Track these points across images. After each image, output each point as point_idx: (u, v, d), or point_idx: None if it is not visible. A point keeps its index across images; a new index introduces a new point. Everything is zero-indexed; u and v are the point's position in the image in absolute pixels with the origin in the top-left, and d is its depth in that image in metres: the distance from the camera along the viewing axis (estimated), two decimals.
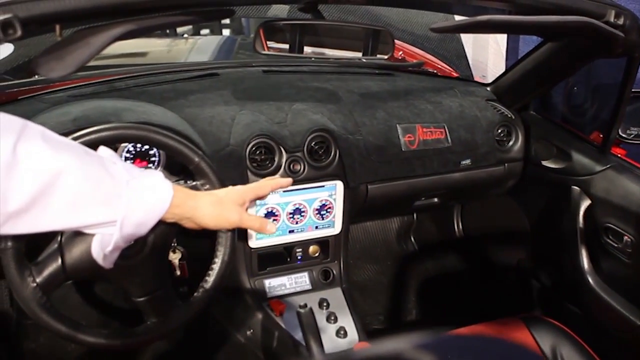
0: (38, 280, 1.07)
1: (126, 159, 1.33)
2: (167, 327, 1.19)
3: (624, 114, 1.48)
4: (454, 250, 2.22)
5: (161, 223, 1.03)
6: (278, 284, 1.51)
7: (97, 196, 0.90)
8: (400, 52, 2.63)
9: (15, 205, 0.82)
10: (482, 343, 0.66)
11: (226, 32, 4.02)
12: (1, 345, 1.73)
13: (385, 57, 1.36)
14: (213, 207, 1.05)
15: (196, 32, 3.77)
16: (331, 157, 1.47)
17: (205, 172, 1.19)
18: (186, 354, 1.71)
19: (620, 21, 1.23)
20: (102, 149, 1.01)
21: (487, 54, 2.48)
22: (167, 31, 4.03)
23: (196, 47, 3.18)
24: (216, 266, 1.24)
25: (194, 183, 1.21)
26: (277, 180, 1.14)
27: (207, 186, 1.20)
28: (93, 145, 1.13)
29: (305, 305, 1.18)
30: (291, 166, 1.42)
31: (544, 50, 1.52)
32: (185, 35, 3.71)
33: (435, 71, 2.28)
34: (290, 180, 1.15)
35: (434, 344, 0.38)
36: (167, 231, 1.19)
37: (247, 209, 1.10)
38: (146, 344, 1.19)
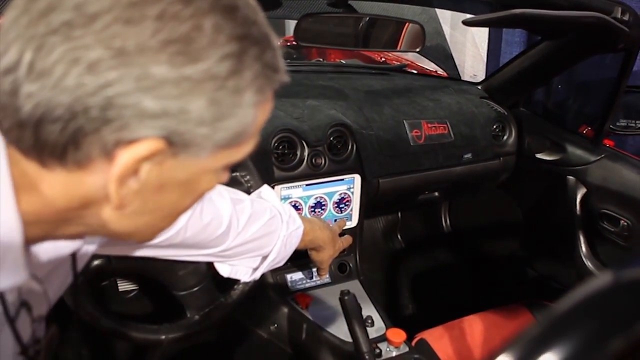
0: (83, 273, 1.06)
1: None
2: (209, 321, 1.19)
3: (619, 106, 1.59)
4: (444, 245, 2.28)
5: None
6: (299, 278, 1.52)
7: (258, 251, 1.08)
8: (383, 59, 2.71)
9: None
10: None
11: None
12: None
13: (417, 50, 1.41)
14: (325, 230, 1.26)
15: None
16: (349, 151, 1.50)
17: (246, 163, 1.20)
18: (205, 357, 1.69)
19: (626, 17, 1.33)
20: (268, 193, 1.15)
21: (465, 57, 2.58)
22: None
23: None
24: None
25: (235, 174, 1.22)
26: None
27: (248, 177, 1.21)
28: None
29: (348, 292, 1.20)
30: (313, 160, 1.45)
31: (543, 48, 1.61)
32: None
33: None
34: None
35: None
36: None
37: None
38: (189, 338, 1.18)
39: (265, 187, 1.15)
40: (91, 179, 0.48)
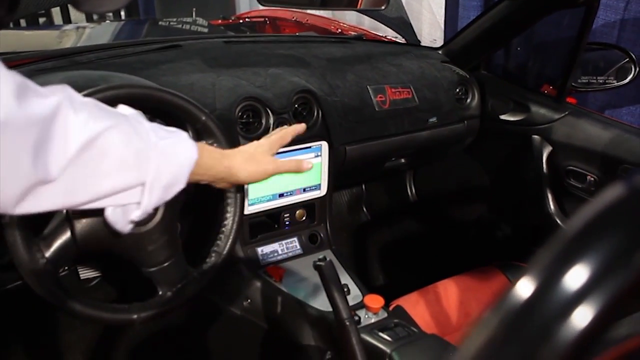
0: (47, 255, 1.00)
1: None
2: (182, 296, 1.14)
3: (580, 63, 1.59)
4: (411, 214, 2.27)
5: (193, 185, 0.98)
6: (270, 250, 1.49)
7: (127, 160, 0.82)
8: (339, 30, 2.67)
9: (49, 173, 0.71)
10: None
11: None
12: None
13: (382, 7, 1.38)
14: (248, 163, 1.03)
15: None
16: (314, 117, 1.47)
17: (213, 130, 1.15)
18: (176, 338, 1.64)
19: None
20: (124, 108, 0.91)
21: (422, 25, 2.57)
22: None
23: (88, 34, 2.90)
24: (227, 228, 1.21)
25: (201, 142, 1.16)
26: (294, 126, 1.15)
27: (216, 145, 1.16)
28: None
29: (325, 258, 1.16)
30: (279, 128, 1.41)
31: (503, 8, 1.59)
32: (79, 25, 3.41)
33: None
34: (304, 125, 1.17)
35: None
36: (177, 198, 1.14)
37: None
38: (162, 316, 1.12)
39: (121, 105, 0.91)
40: None
